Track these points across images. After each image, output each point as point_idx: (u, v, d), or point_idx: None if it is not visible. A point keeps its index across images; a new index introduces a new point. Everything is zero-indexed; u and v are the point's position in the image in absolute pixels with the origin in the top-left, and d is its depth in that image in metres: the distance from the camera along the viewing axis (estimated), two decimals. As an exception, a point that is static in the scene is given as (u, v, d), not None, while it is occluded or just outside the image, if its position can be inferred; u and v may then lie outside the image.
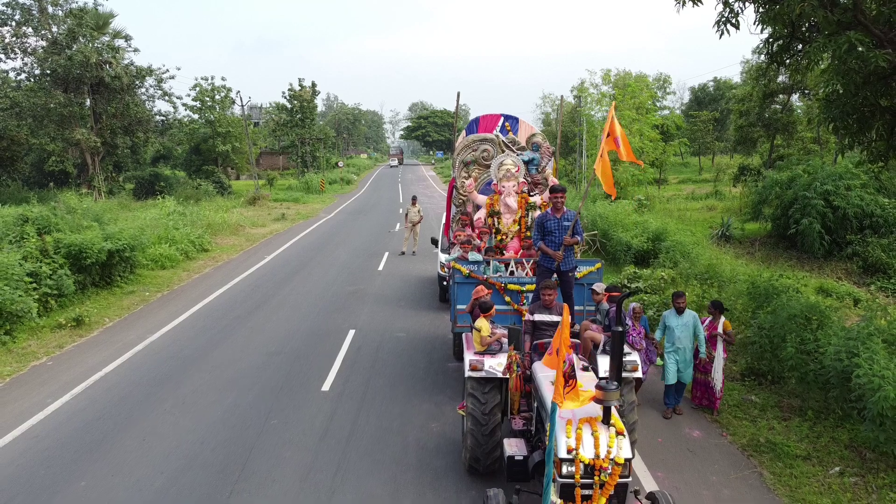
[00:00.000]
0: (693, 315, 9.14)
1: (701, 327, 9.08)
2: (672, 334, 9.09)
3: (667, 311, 9.39)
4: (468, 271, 9.35)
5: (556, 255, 8.11)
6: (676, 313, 9.14)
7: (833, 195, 19.72)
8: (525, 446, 6.46)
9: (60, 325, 13.15)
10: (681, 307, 9.14)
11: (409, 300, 15.91)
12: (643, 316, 9.23)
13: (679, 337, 9.03)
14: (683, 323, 9.06)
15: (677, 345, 9.06)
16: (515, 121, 12.17)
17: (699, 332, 9.06)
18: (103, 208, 20.96)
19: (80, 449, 8.24)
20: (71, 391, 10.10)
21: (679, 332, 9.04)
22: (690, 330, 9.06)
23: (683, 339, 9.03)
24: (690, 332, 9.06)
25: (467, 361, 7.18)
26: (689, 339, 9.06)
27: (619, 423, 5.38)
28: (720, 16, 10.07)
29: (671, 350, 9.12)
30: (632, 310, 8.96)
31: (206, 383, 10.49)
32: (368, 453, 8.10)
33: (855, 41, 8.57)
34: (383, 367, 11.22)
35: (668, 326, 9.13)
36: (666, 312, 9.35)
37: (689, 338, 9.05)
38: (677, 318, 9.11)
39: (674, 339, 9.06)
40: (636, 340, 8.79)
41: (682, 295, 9.27)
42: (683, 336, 9.03)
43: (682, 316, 9.10)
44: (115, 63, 37.63)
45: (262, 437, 8.51)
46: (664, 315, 9.33)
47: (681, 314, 9.12)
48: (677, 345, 9.06)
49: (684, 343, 9.05)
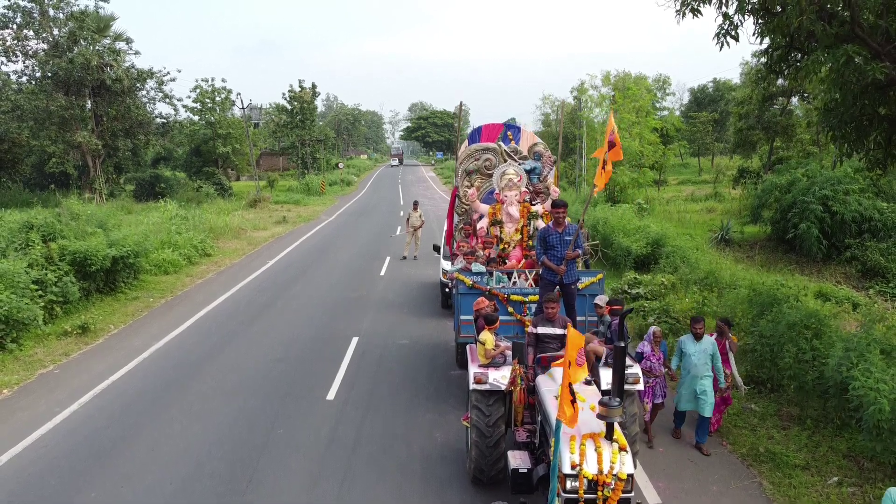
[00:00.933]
0: (711, 342, 8.59)
1: (719, 355, 8.55)
2: (689, 361, 8.52)
3: (683, 337, 8.78)
4: (472, 282, 9.47)
5: (558, 270, 8.24)
6: (694, 339, 8.56)
7: (831, 200, 19.86)
8: (529, 458, 6.58)
9: (66, 333, 13.26)
10: (699, 333, 8.55)
11: (412, 306, 16.03)
12: (663, 342, 8.86)
13: (696, 364, 8.45)
14: (701, 349, 8.48)
15: (693, 373, 8.48)
16: (517, 130, 12.29)
17: (717, 361, 8.54)
18: (106, 213, 21.04)
19: (89, 458, 8.36)
20: (79, 399, 10.22)
21: (696, 359, 8.46)
22: (708, 357, 8.49)
23: (701, 367, 8.44)
24: (708, 359, 8.49)
25: (471, 374, 7.30)
26: (707, 366, 8.47)
27: (622, 439, 5.51)
28: (720, 28, 10.20)
29: (687, 378, 8.58)
30: (651, 334, 8.63)
31: (211, 390, 10.61)
32: (374, 462, 8.23)
33: (852, 54, 8.71)
34: (387, 374, 11.34)
35: (685, 353, 8.58)
36: (682, 338, 8.76)
37: (707, 365, 8.47)
38: (695, 344, 8.54)
39: (690, 366, 8.50)
40: (654, 366, 8.54)
41: (700, 320, 8.64)
42: (701, 363, 8.44)
43: (700, 342, 8.53)
44: (116, 66, 37.68)
45: (269, 446, 8.63)
46: (680, 341, 8.74)
47: (699, 340, 8.53)
48: (693, 373, 8.48)
49: (701, 371, 8.44)
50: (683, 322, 13.48)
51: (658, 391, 8.74)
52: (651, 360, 8.60)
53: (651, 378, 8.64)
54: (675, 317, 13.54)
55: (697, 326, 8.56)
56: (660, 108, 49.30)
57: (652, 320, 13.37)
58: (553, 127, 50.24)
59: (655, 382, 8.70)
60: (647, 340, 8.74)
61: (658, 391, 8.74)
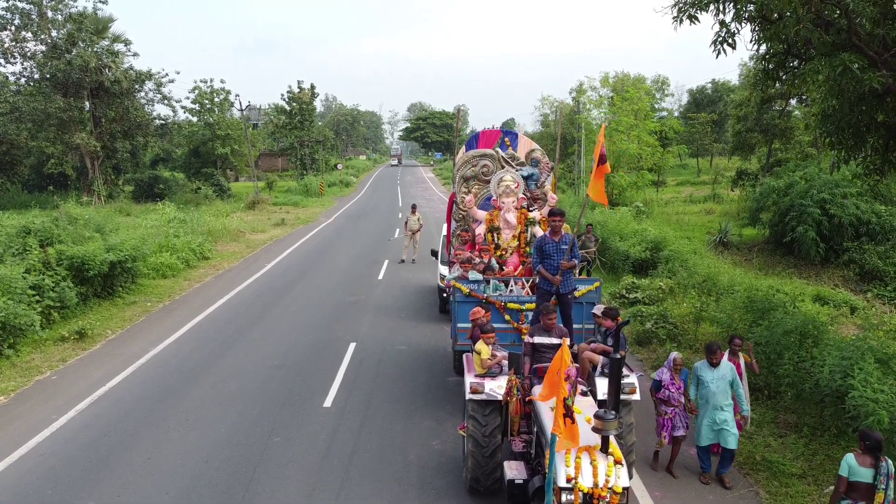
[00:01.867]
0: (730, 367, 7.94)
1: (739, 381, 7.94)
2: (706, 389, 7.83)
3: (699, 363, 8.12)
4: (468, 290, 9.47)
5: (554, 280, 8.23)
6: (710, 366, 7.92)
7: (829, 203, 19.90)
8: (525, 469, 6.59)
9: (63, 338, 13.25)
10: (715, 362, 7.89)
11: (410, 311, 16.03)
12: (684, 369, 8.18)
13: (715, 393, 7.77)
14: (719, 376, 7.82)
15: (713, 403, 7.78)
16: (515, 136, 12.30)
17: (738, 387, 7.91)
18: (104, 217, 21.01)
19: (86, 467, 8.35)
20: (76, 406, 10.21)
21: (715, 388, 7.77)
22: (727, 384, 7.82)
23: (720, 396, 7.77)
24: (727, 386, 7.82)
25: (468, 384, 7.31)
26: (727, 394, 7.80)
27: (618, 452, 5.51)
28: (717, 35, 10.19)
29: (706, 408, 7.85)
30: (671, 361, 8.07)
31: (209, 398, 10.61)
32: (371, 472, 8.22)
33: (849, 63, 8.71)
34: (385, 381, 11.34)
35: (702, 381, 7.90)
36: (698, 364, 8.10)
37: (726, 393, 7.80)
38: (711, 370, 7.86)
39: (708, 394, 7.81)
40: (673, 396, 7.98)
41: (716, 349, 7.89)
42: (720, 392, 7.77)
43: (717, 368, 7.86)
44: (115, 67, 37.72)
45: (266, 455, 8.63)
46: (696, 367, 8.07)
47: (715, 367, 7.89)
48: (713, 403, 7.78)
49: (721, 400, 7.76)
50: (682, 327, 13.50)
51: (678, 422, 8.07)
52: (670, 388, 8.00)
53: (670, 408, 8.06)
54: (674, 322, 13.55)
55: (714, 358, 7.85)
56: (658, 110, 49.36)
57: (650, 325, 13.38)
58: (552, 128, 50.25)
59: (675, 413, 8.07)
60: (666, 367, 8.13)
61: (678, 422, 8.07)
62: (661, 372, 8.17)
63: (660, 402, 8.13)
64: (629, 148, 30.91)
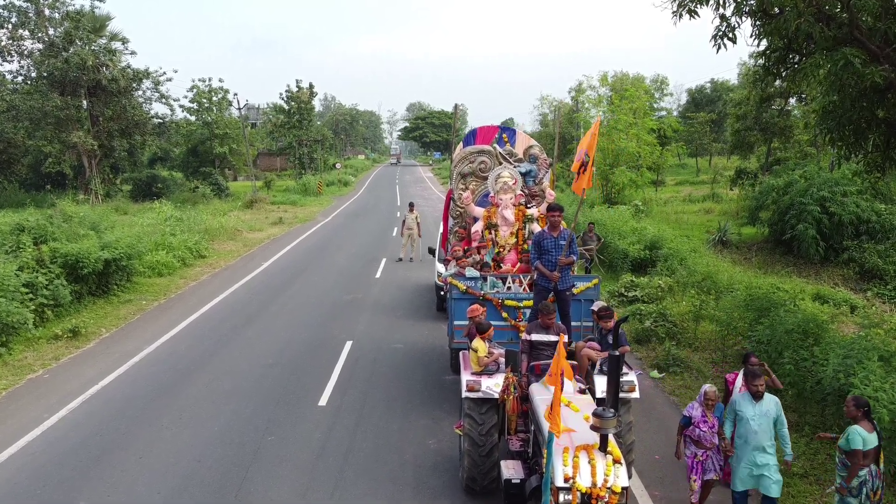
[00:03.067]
0: (775, 402, 6.69)
1: (784, 418, 6.68)
2: (746, 427, 6.60)
3: (738, 395, 6.94)
4: (465, 287, 9.35)
5: (552, 276, 8.10)
6: (752, 399, 6.67)
7: (829, 201, 19.79)
8: (522, 468, 6.47)
9: (57, 337, 13.11)
10: (758, 391, 6.63)
11: (407, 309, 15.91)
12: (719, 404, 7.06)
13: (756, 432, 6.53)
14: (762, 412, 6.57)
15: (753, 443, 6.55)
16: (513, 133, 12.19)
17: (782, 426, 6.65)
18: (100, 215, 20.89)
19: (77, 466, 8.22)
20: (68, 405, 10.08)
21: (756, 425, 6.54)
22: (771, 422, 6.58)
23: (762, 435, 6.53)
24: (771, 424, 6.58)
25: (464, 382, 7.19)
26: (770, 434, 6.59)
27: (617, 451, 5.39)
28: (717, 30, 10.10)
29: (745, 449, 6.66)
30: (703, 394, 6.93)
31: (203, 396, 10.48)
32: (366, 471, 8.10)
33: (851, 57, 8.60)
34: (380, 380, 11.22)
35: (742, 417, 6.67)
36: (737, 397, 6.91)
37: (769, 433, 6.58)
38: (753, 405, 6.64)
39: (748, 433, 6.58)
40: (705, 436, 6.84)
41: (758, 374, 6.72)
42: (762, 430, 6.53)
43: (760, 403, 6.61)
44: (112, 66, 37.56)
45: (260, 455, 8.50)
46: (734, 401, 6.87)
47: (758, 400, 6.63)
48: (753, 443, 6.55)
49: (763, 440, 6.53)
50: (681, 326, 13.39)
51: (710, 465, 6.94)
52: (701, 427, 6.85)
53: (701, 450, 6.94)
54: (673, 320, 13.44)
55: (757, 383, 6.62)
56: (657, 109, 49.30)
57: (649, 324, 13.26)
58: (551, 127, 50.15)
59: (706, 456, 6.92)
60: (697, 402, 7.00)
61: (710, 465, 6.94)
62: (692, 407, 7.03)
63: (689, 441, 7.01)
64: (628, 146, 30.78)
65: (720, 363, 11.88)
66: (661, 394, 10.75)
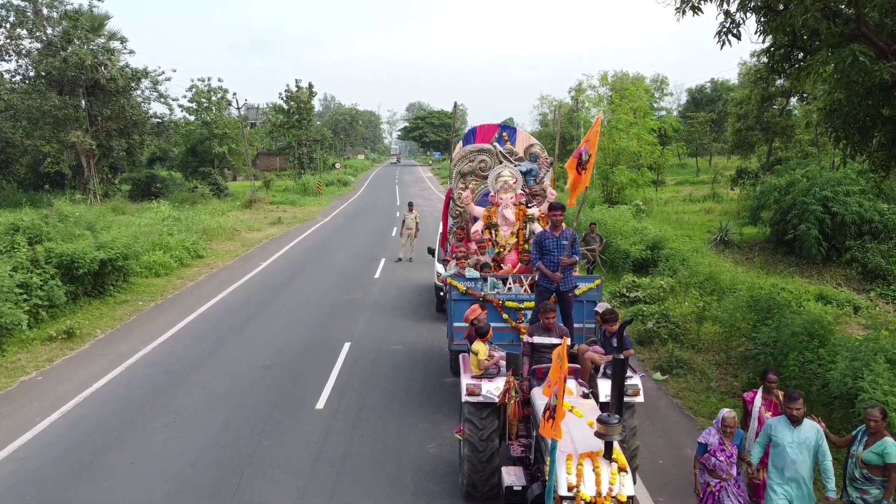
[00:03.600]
0: (816, 429, 6.01)
1: (827, 449, 5.98)
2: (783, 456, 5.97)
3: (773, 420, 6.25)
4: (465, 288, 9.18)
5: (554, 277, 7.92)
6: (790, 424, 6.00)
7: (831, 201, 19.62)
8: (523, 475, 6.30)
9: (51, 338, 12.93)
10: (796, 416, 5.95)
11: (406, 309, 15.73)
12: (738, 430, 6.45)
13: (794, 461, 5.91)
14: (801, 440, 5.93)
15: (789, 473, 5.97)
16: (513, 131, 12.03)
17: (824, 457, 5.92)
18: (96, 214, 20.71)
19: (68, 471, 8.06)
20: (60, 408, 9.90)
21: (794, 454, 5.91)
22: (811, 452, 5.93)
23: (801, 466, 5.93)
24: (811, 454, 5.94)
25: (464, 386, 7.02)
26: (809, 464, 5.96)
27: (622, 459, 5.22)
28: (721, 26, 9.94)
29: (779, 480, 6.06)
30: (720, 420, 6.34)
31: (198, 399, 10.30)
32: (363, 476, 7.93)
33: (859, 53, 8.43)
34: (379, 382, 11.04)
35: (777, 443, 6.03)
36: (771, 421, 6.24)
37: (808, 463, 5.95)
38: (791, 431, 5.98)
39: (785, 463, 5.98)
40: (721, 466, 6.25)
41: (797, 397, 6.01)
42: (801, 460, 5.90)
43: (798, 429, 5.96)
44: (111, 65, 37.36)
45: (255, 459, 8.33)
46: (769, 425, 6.22)
47: (796, 425, 5.96)
48: (789, 473, 5.97)
49: (802, 471, 5.93)
50: (683, 327, 13.21)
51: (728, 497, 6.35)
52: (717, 456, 6.24)
53: (715, 480, 6.37)
54: (675, 321, 13.26)
55: (794, 406, 5.95)
56: (657, 109, 49.13)
57: (651, 325, 13.09)
58: (551, 127, 50.01)
59: (720, 487, 6.34)
60: (714, 428, 6.43)
61: (728, 497, 6.35)
62: (708, 433, 6.45)
63: (703, 469, 6.44)
64: (628, 146, 30.61)
65: (724, 365, 11.71)
66: (665, 396, 10.58)
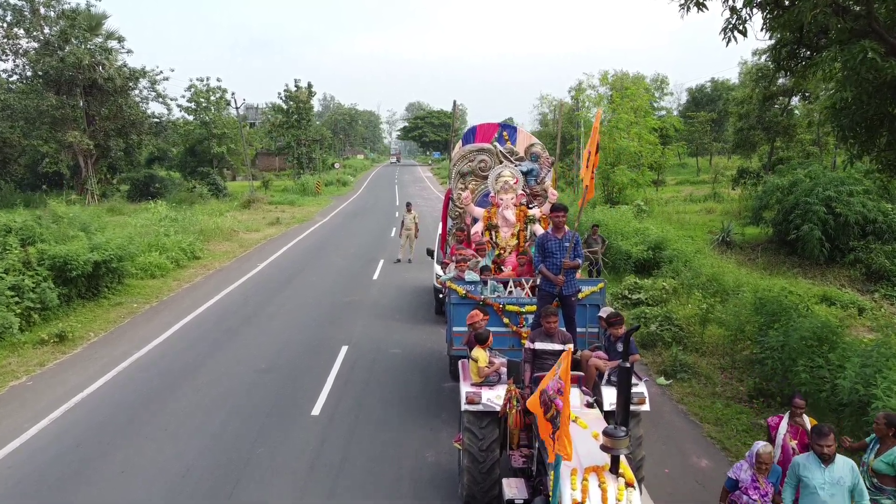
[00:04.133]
0: (851, 466, 5.43)
1: (865, 489, 5.43)
2: (813, 499, 5.38)
3: (800, 458, 5.64)
4: (465, 291, 8.94)
5: (556, 280, 7.67)
6: (819, 462, 5.40)
7: (835, 201, 19.39)
8: (525, 487, 6.07)
9: (43, 341, 12.69)
10: (827, 453, 5.36)
11: (405, 312, 15.49)
12: (775, 466, 5.83)
13: (826, 503, 5.35)
14: (834, 480, 5.34)
15: None
16: (514, 130, 11.79)
17: (862, 497, 5.37)
18: (91, 215, 20.42)
19: (57, 480, 7.83)
20: (50, 415, 9.66)
21: (827, 495, 5.32)
22: (847, 492, 5.33)
23: None
24: (847, 495, 5.34)
25: (463, 394, 6.78)
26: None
27: (629, 473, 4.98)
28: (727, 23, 9.71)
29: None
30: (754, 455, 5.66)
31: (192, 404, 10.06)
32: (360, 485, 7.70)
33: (869, 50, 8.20)
34: (377, 387, 10.80)
35: (807, 484, 5.42)
36: (799, 459, 5.62)
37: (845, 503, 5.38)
38: (822, 470, 5.38)
39: None
40: None
41: (828, 432, 5.41)
42: (834, 502, 5.34)
43: (830, 467, 5.37)
44: (109, 65, 37.09)
45: (249, 467, 8.10)
46: (796, 463, 5.60)
47: (827, 463, 5.38)
48: None
49: None
50: (687, 330, 12.98)
51: None
52: (750, 494, 5.60)
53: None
54: (679, 324, 13.03)
55: (825, 443, 5.35)
56: (658, 109, 48.88)
57: (654, 328, 12.85)
58: (551, 127, 49.71)
59: None
60: (748, 463, 5.75)
61: None
62: (739, 467, 5.81)
63: None
64: (629, 146, 30.38)
65: (729, 369, 11.47)
66: (669, 402, 10.33)
